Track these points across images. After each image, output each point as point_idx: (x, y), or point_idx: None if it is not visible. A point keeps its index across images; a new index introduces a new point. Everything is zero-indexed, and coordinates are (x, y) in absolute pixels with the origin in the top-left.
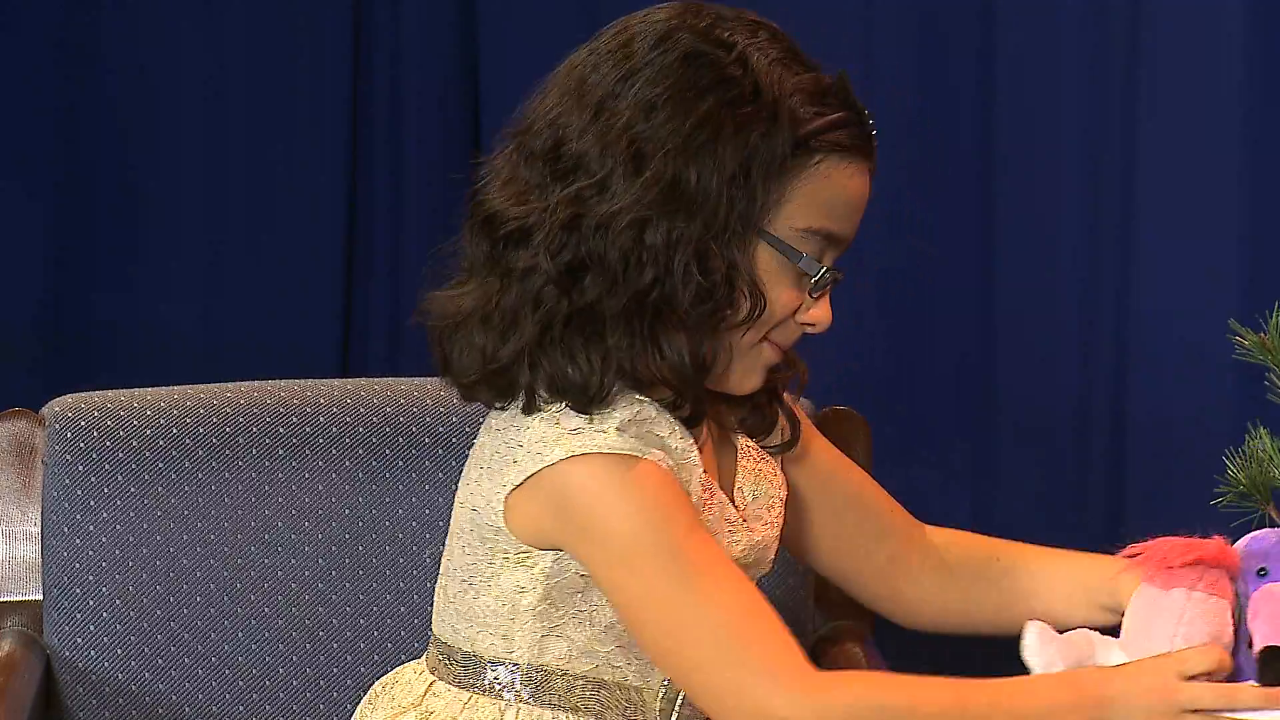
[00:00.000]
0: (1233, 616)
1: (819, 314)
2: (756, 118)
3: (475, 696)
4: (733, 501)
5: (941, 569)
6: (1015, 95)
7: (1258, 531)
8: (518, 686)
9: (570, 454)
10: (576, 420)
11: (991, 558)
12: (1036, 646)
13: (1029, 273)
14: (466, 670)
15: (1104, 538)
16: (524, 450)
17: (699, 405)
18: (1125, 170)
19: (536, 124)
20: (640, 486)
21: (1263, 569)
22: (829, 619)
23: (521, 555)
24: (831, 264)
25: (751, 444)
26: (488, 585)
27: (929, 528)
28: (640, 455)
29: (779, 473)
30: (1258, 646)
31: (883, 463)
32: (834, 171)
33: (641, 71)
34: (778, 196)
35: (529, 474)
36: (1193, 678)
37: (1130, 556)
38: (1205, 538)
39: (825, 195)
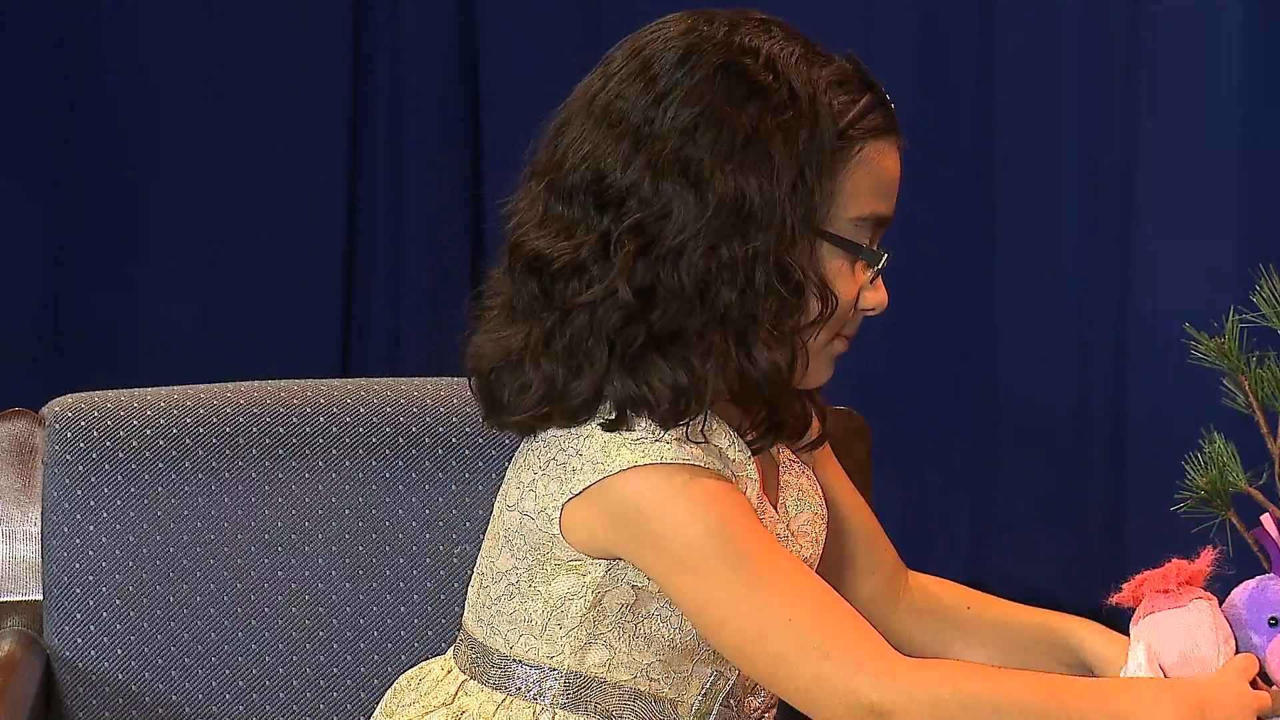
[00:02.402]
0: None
1: (878, 297)
2: (799, 120)
3: (510, 699)
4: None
5: (915, 612)
6: (1015, 95)
7: (1249, 583)
8: (555, 692)
9: (631, 464)
10: (638, 431)
11: (963, 605)
12: (1147, 664)
13: (1029, 273)
14: (503, 672)
15: (1104, 538)
16: (584, 459)
17: (779, 421)
18: (1125, 170)
19: (568, 160)
20: (702, 492)
21: (1274, 619)
22: None
23: (574, 562)
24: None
25: (793, 458)
26: (536, 590)
27: (911, 572)
28: (700, 464)
29: (818, 489)
30: None
31: (883, 463)
32: (873, 155)
33: (672, 93)
34: (830, 192)
35: (588, 484)
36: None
37: (1130, 595)
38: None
39: (870, 181)
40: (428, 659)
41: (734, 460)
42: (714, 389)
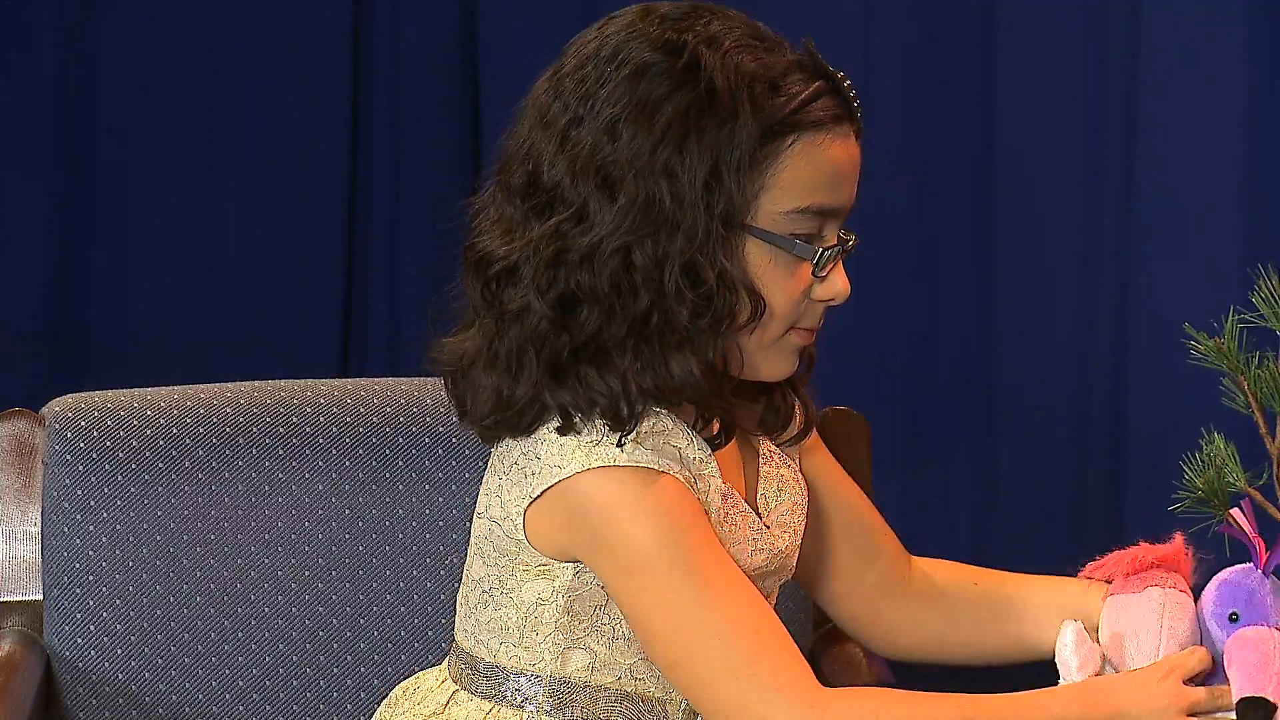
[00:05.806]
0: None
1: (834, 288)
2: (717, 118)
3: (498, 707)
4: (755, 508)
5: (923, 596)
6: (1016, 95)
7: (1224, 572)
8: (541, 698)
9: (586, 467)
10: (593, 433)
11: (970, 582)
12: (1074, 645)
13: (1029, 273)
14: (489, 681)
15: (1104, 538)
16: (541, 463)
17: (728, 418)
18: (1125, 170)
19: (512, 159)
20: (655, 499)
21: (1234, 614)
22: (829, 619)
23: (542, 567)
24: (837, 235)
25: (773, 447)
26: (509, 597)
27: (913, 558)
28: (656, 468)
29: (800, 477)
30: (1236, 696)
31: (883, 464)
32: (810, 147)
33: (599, 92)
34: (757, 188)
35: (546, 486)
36: (1186, 680)
37: (1092, 573)
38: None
39: (807, 173)
40: (427, 659)
41: (693, 459)
42: (648, 394)
